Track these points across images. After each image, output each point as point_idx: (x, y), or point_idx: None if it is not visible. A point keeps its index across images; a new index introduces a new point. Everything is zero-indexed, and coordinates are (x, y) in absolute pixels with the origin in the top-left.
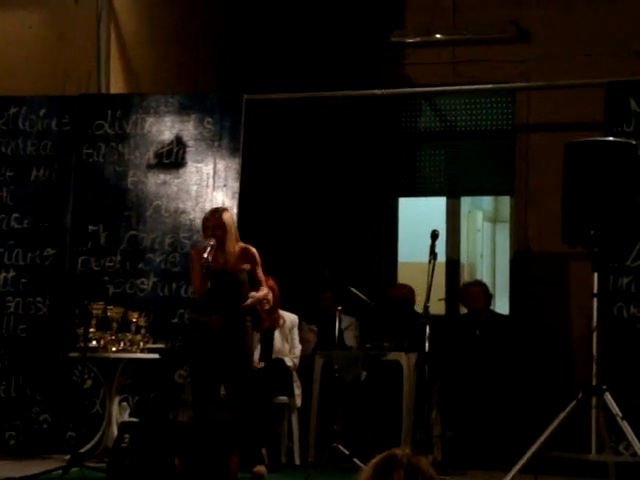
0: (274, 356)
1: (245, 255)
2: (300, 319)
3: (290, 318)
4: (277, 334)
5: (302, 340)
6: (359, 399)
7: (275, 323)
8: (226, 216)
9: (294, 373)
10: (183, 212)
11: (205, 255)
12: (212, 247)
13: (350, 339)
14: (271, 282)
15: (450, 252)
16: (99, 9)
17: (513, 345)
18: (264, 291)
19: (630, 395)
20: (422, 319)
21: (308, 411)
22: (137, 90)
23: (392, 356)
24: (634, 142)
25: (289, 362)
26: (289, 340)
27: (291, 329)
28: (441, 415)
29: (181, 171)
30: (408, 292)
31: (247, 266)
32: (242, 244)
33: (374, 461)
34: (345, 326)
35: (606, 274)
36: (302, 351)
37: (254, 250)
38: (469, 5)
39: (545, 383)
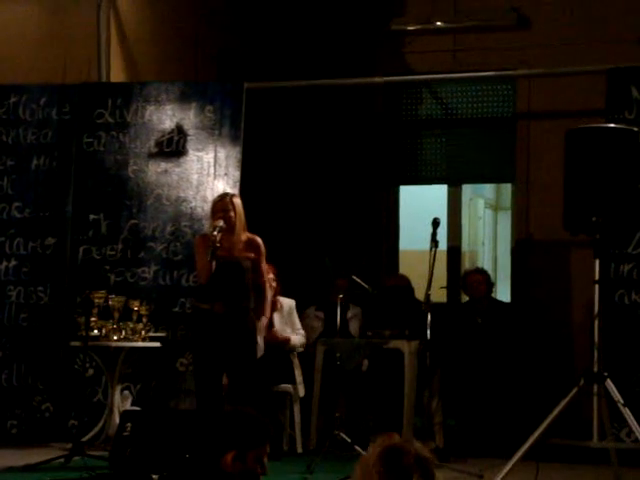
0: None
1: (251, 245)
2: (309, 305)
3: (287, 302)
4: (276, 317)
5: (308, 327)
6: (361, 387)
7: (274, 308)
8: (237, 201)
9: (296, 360)
10: (184, 201)
11: (215, 233)
12: (221, 228)
13: (355, 328)
14: (271, 273)
15: (451, 240)
16: None
17: (514, 332)
18: (264, 321)
19: (631, 382)
20: (423, 307)
21: (310, 399)
22: (137, 79)
23: (393, 344)
24: (635, 129)
25: (297, 341)
26: (289, 323)
27: (289, 312)
28: (442, 403)
29: (182, 160)
30: (404, 281)
31: (252, 255)
32: (249, 234)
33: (377, 452)
34: (351, 315)
35: (607, 261)
36: (307, 338)
37: (260, 241)
38: None
39: (546, 370)
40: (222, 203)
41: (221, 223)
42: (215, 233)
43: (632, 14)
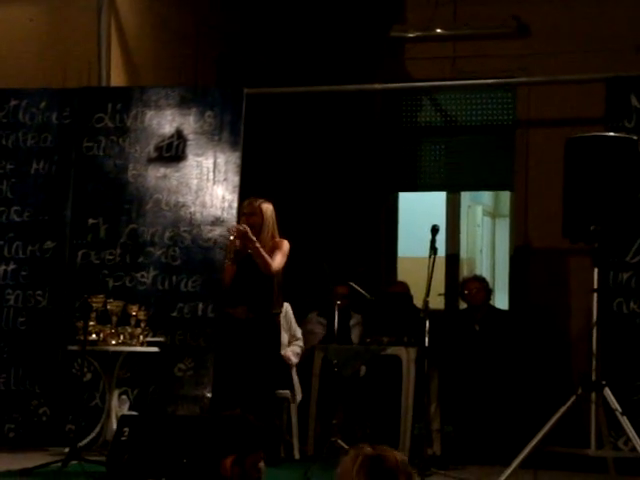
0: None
1: (275, 247)
2: (311, 310)
3: (284, 306)
4: None
5: (309, 332)
6: (358, 393)
7: None
8: (265, 207)
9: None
10: (183, 206)
11: (231, 238)
12: (238, 232)
13: (356, 336)
14: None
15: (450, 247)
16: (100, 2)
17: (512, 340)
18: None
19: (629, 390)
20: (422, 314)
21: (307, 405)
22: (137, 83)
23: (392, 351)
24: (635, 137)
25: (293, 356)
26: (287, 328)
27: (286, 317)
28: (440, 410)
29: (181, 165)
30: (404, 288)
31: None
32: (278, 239)
33: (358, 461)
34: (353, 323)
35: (606, 269)
36: (308, 343)
37: (284, 242)
38: (470, 0)
39: (544, 378)
40: (249, 207)
41: (241, 227)
42: (232, 238)
43: (632, 23)
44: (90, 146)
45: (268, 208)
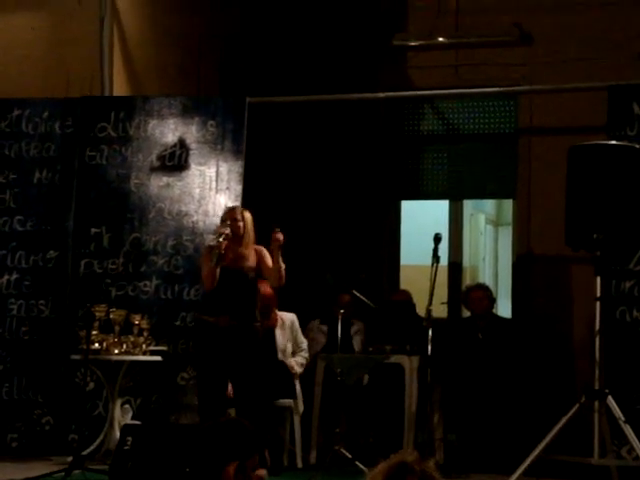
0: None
1: (257, 254)
2: (313, 318)
3: (289, 317)
4: (279, 334)
5: (311, 340)
6: (361, 402)
7: (274, 323)
8: (247, 215)
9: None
10: (186, 215)
11: (220, 240)
12: (226, 235)
13: (358, 344)
14: (265, 285)
15: (452, 255)
16: (102, 11)
17: (515, 349)
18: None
19: (632, 399)
20: (424, 322)
21: (310, 414)
22: (140, 93)
23: (394, 359)
24: (637, 146)
25: (297, 366)
26: (292, 339)
27: (291, 328)
28: (443, 418)
29: (184, 174)
30: (407, 297)
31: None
32: (257, 246)
33: (384, 467)
34: (355, 331)
35: (609, 278)
36: (310, 351)
37: (263, 248)
38: (472, 8)
39: (548, 386)
40: (232, 212)
41: (227, 231)
42: (221, 240)
43: (633, 31)
44: (93, 155)
45: (249, 216)
